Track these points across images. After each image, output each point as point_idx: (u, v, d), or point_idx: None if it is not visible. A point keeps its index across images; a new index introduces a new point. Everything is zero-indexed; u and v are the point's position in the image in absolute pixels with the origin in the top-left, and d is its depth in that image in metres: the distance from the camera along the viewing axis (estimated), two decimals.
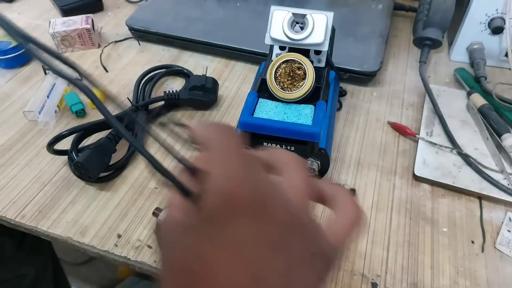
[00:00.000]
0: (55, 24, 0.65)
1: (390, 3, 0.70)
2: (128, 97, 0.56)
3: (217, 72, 0.63)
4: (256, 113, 0.42)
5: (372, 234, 0.42)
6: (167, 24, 0.66)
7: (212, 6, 0.70)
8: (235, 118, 0.55)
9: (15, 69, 0.63)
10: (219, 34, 0.63)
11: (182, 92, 0.54)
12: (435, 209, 0.44)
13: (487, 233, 0.42)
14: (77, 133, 0.47)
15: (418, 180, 0.47)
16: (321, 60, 0.46)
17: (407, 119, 0.55)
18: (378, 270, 0.39)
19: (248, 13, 0.68)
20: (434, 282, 0.38)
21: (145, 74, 0.58)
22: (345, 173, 0.48)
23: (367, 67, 0.57)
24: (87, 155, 0.44)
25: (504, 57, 0.60)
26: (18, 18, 0.75)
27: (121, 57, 0.66)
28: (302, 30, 0.43)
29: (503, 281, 0.38)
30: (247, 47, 0.61)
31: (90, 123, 0.49)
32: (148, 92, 0.56)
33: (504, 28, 0.57)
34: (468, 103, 0.54)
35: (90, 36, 0.66)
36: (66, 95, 0.56)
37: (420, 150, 0.49)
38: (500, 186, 0.45)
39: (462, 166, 0.47)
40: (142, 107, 0.52)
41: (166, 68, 0.60)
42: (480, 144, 0.50)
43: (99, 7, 0.77)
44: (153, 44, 0.66)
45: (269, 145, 0.43)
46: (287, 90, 0.42)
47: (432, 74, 0.62)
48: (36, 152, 0.50)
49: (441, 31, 0.56)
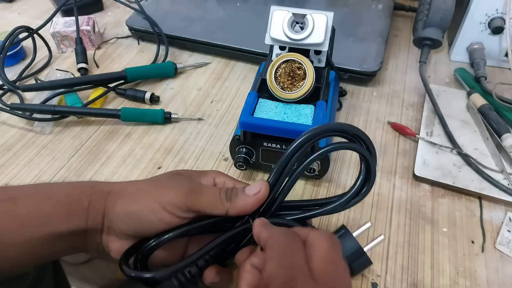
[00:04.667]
0: (56, 24, 0.66)
1: (390, 3, 0.70)
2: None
3: (217, 72, 0.63)
4: (256, 113, 0.42)
5: (372, 234, 0.42)
6: (167, 24, 0.66)
7: (212, 6, 0.70)
8: (235, 118, 0.55)
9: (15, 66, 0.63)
10: (219, 34, 0.63)
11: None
12: (435, 209, 0.44)
13: (487, 233, 0.42)
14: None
15: (418, 180, 0.47)
16: (321, 60, 0.46)
17: (407, 119, 0.55)
18: (378, 270, 0.39)
19: (248, 13, 0.68)
20: (434, 282, 0.38)
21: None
22: (345, 173, 0.48)
23: (367, 67, 0.57)
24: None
25: (504, 57, 0.60)
26: (18, 18, 0.75)
27: (121, 57, 0.66)
28: (302, 30, 0.43)
29: (503, 281, 0.38)
30: (247, 47, 0.61)
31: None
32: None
33: (504, 28, 0.57)
34: (468, 103, 0.54)
35: (90, 37, 0.66)
36: (66, 96, 0.56)
37: (420, 150, 0.49)
38: (500, 186, 0.45)
39: (462, 166, 0.47)
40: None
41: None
42: (480, 144, 0.50)
43: (99, 7, 0.77)
44: (153, 44, 0.66)
45: (269, 145, 0.43)
46: (287, 90, 0.42)
47: (432, 74, 0.62)
48: (36, 152, 0.50)
49: (441, 31, 0.56)
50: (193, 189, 0.32)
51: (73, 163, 0.49)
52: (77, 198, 0.31)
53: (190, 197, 0.31)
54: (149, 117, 0.54)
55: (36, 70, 0.62)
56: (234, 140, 0.44)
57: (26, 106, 0.54)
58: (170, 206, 0.30)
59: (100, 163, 0.49)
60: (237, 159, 0.44)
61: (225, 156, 0.50)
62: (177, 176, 0.34)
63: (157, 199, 0.30)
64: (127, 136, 0.53)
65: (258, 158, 0.45)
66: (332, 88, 0.49)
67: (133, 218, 0.31)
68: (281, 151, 0.43)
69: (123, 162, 0.49)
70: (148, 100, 0.56)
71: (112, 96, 0.58)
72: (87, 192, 0.32)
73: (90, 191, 0.32)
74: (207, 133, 0.53)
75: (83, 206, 0.31)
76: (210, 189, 0.32)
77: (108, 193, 0.32)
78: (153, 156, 0.50)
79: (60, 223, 0.30)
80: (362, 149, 0.31)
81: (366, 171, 0.33)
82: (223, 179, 0.36)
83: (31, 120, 0.53)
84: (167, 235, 0.31)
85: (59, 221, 0.30)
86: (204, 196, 0.31)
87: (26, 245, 0.30)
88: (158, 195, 0.31)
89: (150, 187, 0.32)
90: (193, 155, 0.50)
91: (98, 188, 0.32)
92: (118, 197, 0.32)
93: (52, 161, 0.49)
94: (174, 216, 0.31)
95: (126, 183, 0.34)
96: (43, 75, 0.62)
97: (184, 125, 0.54)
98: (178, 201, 0.30)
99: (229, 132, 0.53)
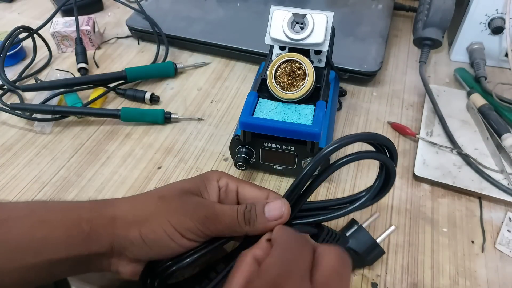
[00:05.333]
0: (56, 24, 0.66)
1: (390, 3, 0.70)
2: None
3: (217, 72, 0.63)
4: (256, 113, 0.42)
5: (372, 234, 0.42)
6: (167, 24, 0.66)
7: (212, 6, 0.70)
8: (235, 118, 0.55)
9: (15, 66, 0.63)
10: (219, 34, 0.63)
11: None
12: (435, 209, 0.44)
13: (487, 233, 0.42)
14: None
15: (418, 180, 0.47)
16: (321, 60, 0.46)
17: (407, 119, 0.55)
18: (378, 270, 0.39)
19: (248, 13, 0.68)
20: (434, 282, 0.38)
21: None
22: (345, 173, 0.48)
23: (367, 67, 0.57)
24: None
25: (504, 57, 0.60)
26: (18, 18, 0.75)
27: (121, 57, 0.66)
28: (302, 30, 0.43)
29: (503, 281, 0.38)
30: (247, 47, 0.61)
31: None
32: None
33: (504, 28, 0.57)
34: (468, 103, 0.54)
35: (90, 37, 0.66)
36: (66, 96, 0.56)
37: (420, 150, 0.49)
38: (500, 186, 0.45)
39: (462, 166, 0.47)
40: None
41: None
42: (480, 144, 0.50)
43: (99, 7, 0.77)
44: (153, 44, 0.66)
45: (269, 145, 0.43)
46: (287, 90, 0.42)
47: (432, 74, 0.62)
48: (36, 152, 0.50)
49: (441, 31, 0.56)
50: (210, 216, 0.30)
51: (73, 163, 0.49)
52: (75, 223, 0.30)
53: (208, 225, 0.30)
54: (149, 117, 0.54)
55: (36, 70, 0.62)
56: (234, 140, 0.44)
57: (26, 106, 0.54)
58: (189, 233, 0.30)
59: (100, 163, 0.49)
60: (237, 159, 0.44)
61: (225, 156, 0.50)
62: (187, 198, 0.32)
63: (175, 227, 0.29)
64: (127, 136, 0.53)
65: (258, 158, 0.45)
66: (332, 88, 0.49)
67: (151, 245, 0.30)
68: (281, 151, 0.43)
69: (123, 162, 0.49)
70: (148, 100, 0.56)
71: (112, 96, 0.58)
72: (86, 216, 0.30)
73: (89, 216, 0.30)
74: (207, 133, 0.53)
75: (83, 231, 0.29)
76: (227, 213, 0.31)
77: (113, 219, 0.30)
78: (153, 156, 0.50)
79: (58, 249, 0.29)
80: (389, 160, 0.31)
81: (384, 181, 0.32)
82: (226, 181, 0.35)
83: (31, 120, 0.53)
84: (185, 260, 0.31)
85: (57, 247, 0.29)
86: (221, 222, 0.30)
87: (18, 271, 0.28)
88: (175, 223, 0.30)
89: (162, 211, 0.31)
90: (193, 155, 0.50)
91: (99, 213, 0.31)
92: (129, 225, 0.30)
93: (52, 161, 0.49)
94: (193, 241, 0.30)
95: (130, 204, 0.32)
96: (43, 75, 0.62)
97: (184, 125, 0.54)
98: (196, 229, 0.30)
99: (229, 132, 0.53)
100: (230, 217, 0.31)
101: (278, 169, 0.46)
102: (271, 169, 0.46)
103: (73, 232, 0.29)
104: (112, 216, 0.30)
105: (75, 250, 0.29)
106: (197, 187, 0.33)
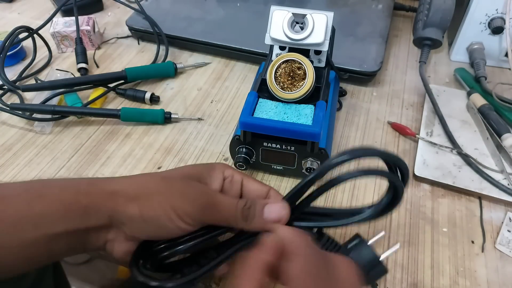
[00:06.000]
0: (56, 24, 0.66)
1: (390, 3, 0.70)
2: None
3: (217, 72, 0.63)
4: (256, 113, 0.42)
5: (372, 234, 0.42)
6: (167, 24, 0.66)
7: (212, 6, 0.70)
8: (235, 118, 0.55)
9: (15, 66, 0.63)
10: (219, 34, 0.63)
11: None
12: (435, 209, 0.44)
13: (487, 233, 0.42)
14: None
15: (418, 180, 0.47)
16: (321, 60, 0.46)
17: (407, 119, 0.55)
18: None
19: (248, 13, 0.68)
20: (434, 282, 0.38)
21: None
22: None
23: (367, 67, 0.57)
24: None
25: (504, 57, 0.60)
26: (18, 18, 0.75)
27: (121, 57, 0.66)
28: (302, 30, 0.43)
29: (503, 281, 0.38)
30: (247, 47, 0.61)
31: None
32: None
33: (504, 28, 0.57)
34: (468, 103, 0.54)
35: (90, 37, 0.66)
36: (66, 96, 0.56)
37: (420, 150, 0.49)
38: (500, 186, 0.44)
39: (462, 166, 0.47)
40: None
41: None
42: (480, 144, 0.50)
43: (99, 7, 0.77)
44: (153, 44, 0.66)
45: (269, 145, 0.43)
46: (287, 90, 0.42)
47: (432, 74, 0.62)
48: (36, 152, 0.50)
49: (441, 31, 0.56)
50: (209, 204, 0.31)
51: (73, 163, 0.49)
52: (72, 197, 0.30)
53: (206, 213, 0.30)
54: (149, 117, 0.54)
55: (36, 70, 0.62)
56: (234, 140, 0.44)
57: (26, 106, 0.54)
58: (186, 217, 0.30)
59: (100, 163, 0.49)
60: (237, 159, 0.44)
61: (225, 156, 0.50)
62: (190, 183, 0.32)
63: (175, 209, 0.30)
64: (127, 136, 0.53)
65: (258, 158, 0.45)
66: (332, 88, 0.49)
67: (149, 223, 0.30)
68: (281, 151, 0.43)
69: (123, 162, 0.49)
70: (148, 100, 0.56)
71: (112, 96, 0.58)
72: (84, 190, 0.30)
73: (87, 189, 0.30)
74: (207, 133, 0.53)
75: (81, 205, 0.29)
76: (227, 205, 0.31)
77: (113, 193, 0.30)
78: (153, 156, 0.50)
79: (56, 223, 0.29)
80: (399, 182, 0.30)
81: (391, 201, 0.32)
82: (231, 172, 0.35)
83: (31, 120, 0.53)
84: (179, 247, 0.31)
85: (55, 221, 0.29)
86: (219, 212, 0.31)
87: (18, 247, 0.28)
88: (175, 204, 0.30)
89: (164, 191, 0.31)
90: (193, 155, 0.50)
91: (98, 187, 0.31)
92: (128, 199, 0.30)
93: (52, 161, 0.49)
94: (190, 225, 0.30)
95: (130, 181, 0.32)
96: (43, 75, 0.62)
97: (184, 125, 0.54)
98: (194, 214, 0.30)
99: (229, 132, 0.53)
100: (228, 209, 0.31)
101: (278, 169, 0.46)
102: (271, 169, 0.46)
103: (71, 205, 0.29)
104: (112, 190, 0.31)
105: (73, 223, 0.29)
106: (201, 173, 0.34)
